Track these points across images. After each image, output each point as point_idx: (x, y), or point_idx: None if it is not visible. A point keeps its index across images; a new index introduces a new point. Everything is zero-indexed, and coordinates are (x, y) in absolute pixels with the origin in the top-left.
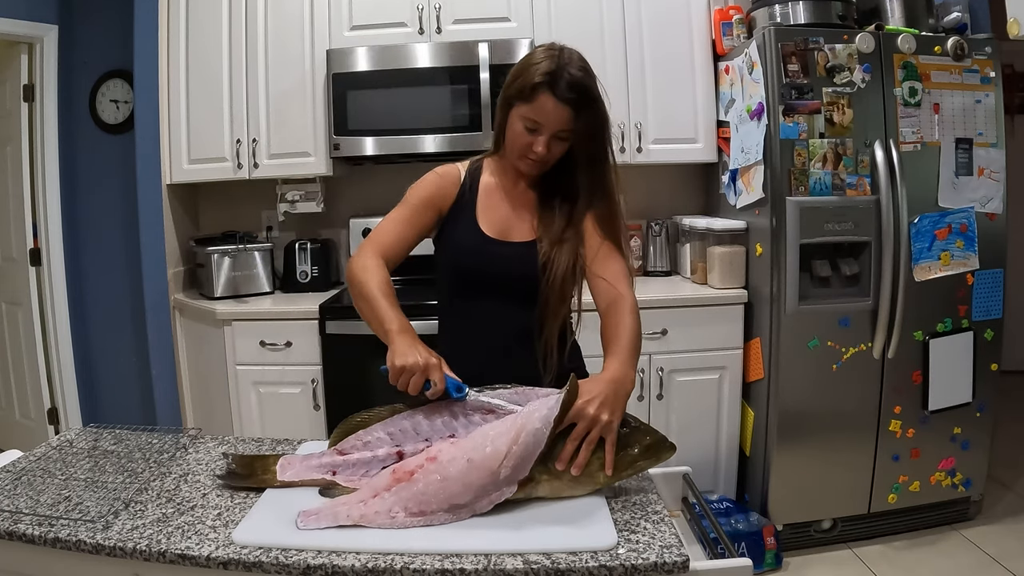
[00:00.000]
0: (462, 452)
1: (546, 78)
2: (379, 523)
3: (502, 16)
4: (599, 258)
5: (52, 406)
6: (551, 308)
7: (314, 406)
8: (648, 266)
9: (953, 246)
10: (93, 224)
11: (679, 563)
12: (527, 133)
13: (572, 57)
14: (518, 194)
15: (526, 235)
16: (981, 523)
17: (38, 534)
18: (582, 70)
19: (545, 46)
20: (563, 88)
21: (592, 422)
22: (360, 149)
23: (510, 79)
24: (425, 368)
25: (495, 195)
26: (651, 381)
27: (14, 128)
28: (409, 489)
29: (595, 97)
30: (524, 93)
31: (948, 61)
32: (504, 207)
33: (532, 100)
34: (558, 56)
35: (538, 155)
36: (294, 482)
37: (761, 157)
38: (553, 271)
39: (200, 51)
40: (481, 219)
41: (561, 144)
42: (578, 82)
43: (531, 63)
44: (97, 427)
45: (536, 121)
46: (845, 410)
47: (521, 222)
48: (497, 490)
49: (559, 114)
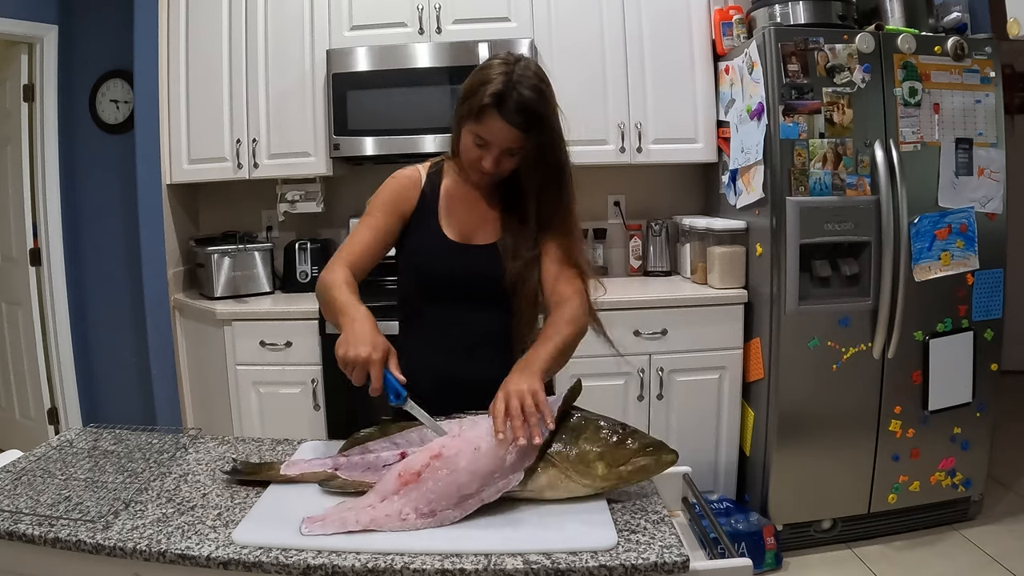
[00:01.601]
0: (468, 443)
1: (493, 100)
2: (390, 527)
3: (502, 16)
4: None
5: (52, 406)
6: (525, 320)
7: (314, 406)
8: (648, 266)
9: (953, 246)
10: (93, 224)
11: (679, 563)
12: (476, 147)
13: (526, 74)
14: (479, 197)
15: (489, 238)
16: (981, 523)
17: (38, 534)
18: (534, 89)
19: (501, 58)
20: (511, 110)
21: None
22: (360, 149)
23: (463, 94)
24: (366, 363)
25: (457, 199)
26: (651, 381)
27: (14, 128)
28: (418, 489)
29: (544, 119)
30: (473, 112)
31: (948, 61)
32: (466, 211)
33: (480, 120)
34: (511, 73)
35: (487, 169)
36: (297, 476)
37: (761, 157)
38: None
39: (200, 51)
40: (444, 223)
41: (512, 159)
42: (527, 104)
43: (483, 80)
44: (97, 427)
45: (483, 138)
46: (845, 410)
47: (484, 225)
48: (504, 478)
49: (507, 134)
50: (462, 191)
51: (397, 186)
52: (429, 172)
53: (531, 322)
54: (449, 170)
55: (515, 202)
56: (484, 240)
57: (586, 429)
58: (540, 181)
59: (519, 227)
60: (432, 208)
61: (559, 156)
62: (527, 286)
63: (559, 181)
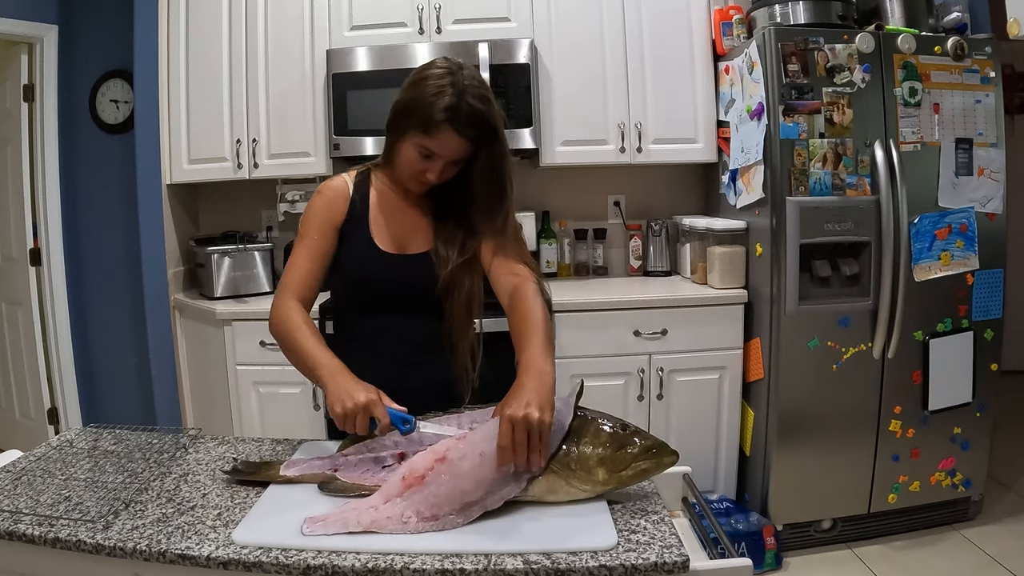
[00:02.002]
0: (473, 447)
1: (447, 115)
2: (391, 529)
3: (502, 16)
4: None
5: (52, 406)
6: (458, 328)
7: (314, 406)
8: (648, 266)
9: (953, 246)
10: (93, 224)
11: (679, 563)
12: (421, 159)
13: (472, 84)
14: (410, 206)
15: (421, 246)
16: (981, 523)
17: (38, 534)
18: (483, 100)
19: (443, 67)
20: (464, 123)
21: (527, 424)
22: (360, 149)
23: (405, 105)
24: (366, 407)
25: (387, 208)
26: (651, 381)
27: (14, 128)
28: (421, 492)
29: (496, 131)
30: (423, 126)
31: (948, 61)
32: (397, 220)
33: (431, 133)
34: (457, 84)
35: (430, 181)
36: (296, 477)
37: (761, 157)
38: (457, 293)
39: (200, 51)
40: (375, 234)
41: (453, 168)
42: (480, 116)
43: (428, 93)
44: (97, 427)
45: (432, 151)
46: (845, 410)
47: (416, 233)
48: (506, 486)
49: (458, 147)
50: (392, 200)
51: (325, 201)
52: (356, 181)
53: (464, 327)
54: (376, 179)
55: (446, 208)
56: (417, 248)
57: (586, 432)
58: (486, 190)
59: (451, 233)
60: (362, 219)
61: (506, 165)
62: (460, 291)
63: (504, 189)
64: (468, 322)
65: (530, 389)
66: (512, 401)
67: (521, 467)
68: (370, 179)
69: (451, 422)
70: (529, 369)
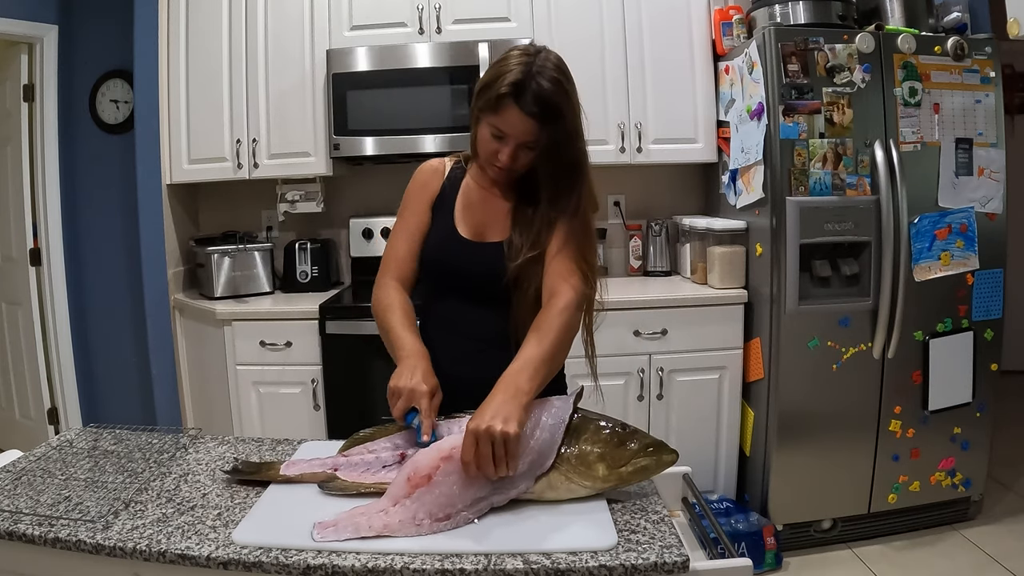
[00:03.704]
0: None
1: (511, 89)
2: (404, 532)
3: (502, 16)
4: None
5: (52, 406)
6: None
7: (314, 406)
8: (648, 266)
9: (953, 246)
10: (93, 224)
11: (679, 563)
12: (494, 140)
13: (546, 65)
14: (496, 195)
15: (500, 236)
16: (981, 523)
17: (38, 534)
18: (553, 81)
19: (521, 49)
20: (528, 101)
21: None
22: (360, 149)
23: (481, 85)
24: (410, 393)
25: (473, 197)
26: (651, 381)
27: (14, 128)
28: (430, 493)
29: (562, 112)
30: (491, 103)
31: (948, 61)
32: (481, 210)
33: (498, 111)
34: (531, 63)
35: (503, 163)
36: (296, 477)
37: (761, 157)
38: (526, 285)
39: (200, 51)
40: (458, 220)
41: (529, 153)
42: (545, 95)
43: (501, 71)
44: (97, 427)
45: (501, 130)
46: (845, 410)
47: (496, 223)
48: (514, 487)
49: (524, 126)
50: (479, 190)
51: (421, 181)
52: (452, 165)
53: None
54: (470, 170)
55: (528, 200)
56: (495, 238)
57: (586, 430)
58: (553, 176)
59: (528, 224)
60: (449, 203)
61: (574, 153)
62: (528, 284)
63: (572, 178)
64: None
65: (497, 402)
66: (476, 414)
67: (491, 477)
68: (464, 169)
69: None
70: (503, 383)
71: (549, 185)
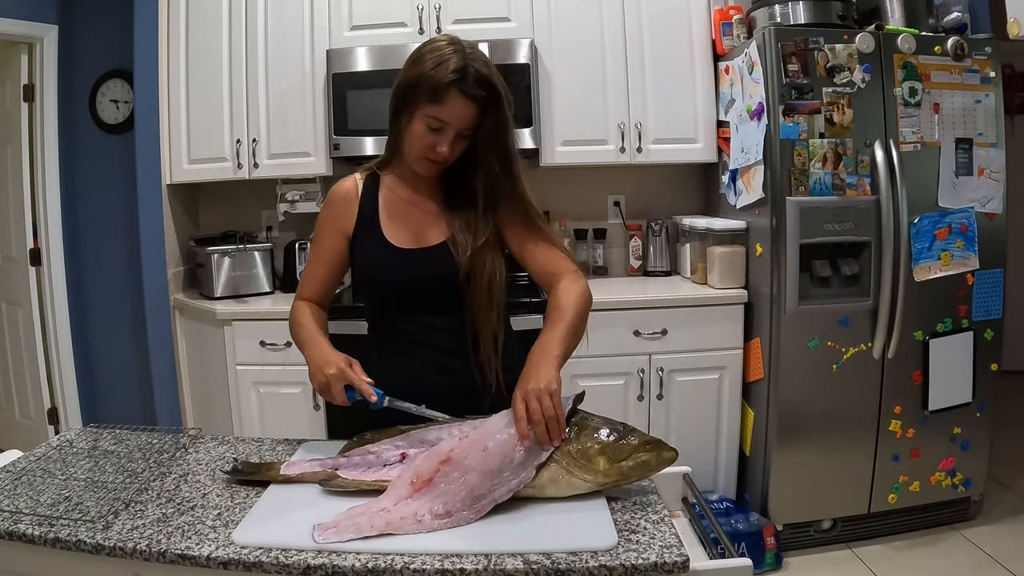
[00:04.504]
0: (475, 444)
1: (456, 75)
2: (406, 529)
3: (502, 16)
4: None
5: (52, 406)
6: (479, 313)
7: (314, 406)
8: (648, 266)
9: (953, 246)
10: (93, 224)
11: (679, 563)
12: (430, 133)
13: (475, 52)
14: (420, 200)
15: (434, 239)
16: (981, 523)
17: (38, 534)
18: (487, 65)
19: (443, 40)
20: (472, 85)
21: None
22: (360, 149)
23: (411, 81)
24: (335, 376)
25: (398, 205)
26: (651, 381)
27: (14, 128)
28: (432, 492)
29: (502, 95)
30: (431, 94)
31: (948, 61)
32: (409, 215)
33: (441, 100)
34: (461, 51)
35: (441, 155)
36: (297, 476)
37: (761, 157)
38: (478, 278)
39: (200, 51)
40: (388, 232)
41: (463, 142)
42: (486, 79)
43: (437, 62)
44: (97, 427)
45: (442, 120)
46: (845, 410)
47: (431, 226)
48: (515, 477)
49: (467, 112)
50: (402, 196)
51: (333, 208)
52: (364, 181)
53: (486, 312)
54: (384, 181)
55: (457, 196)
56: (434, 241)
57: (586, 427)
58: (497, 159)
59: (466, 218)
60: (373, 218)
61: (511, 131)
62: (481, 275)
63: (509, 159)
64: (490, 307)
65: (538, 368)
66: (521, 380)
67: (541, 438)
68: (378, 181)
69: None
70: (538, 350)
71: (489, 171)
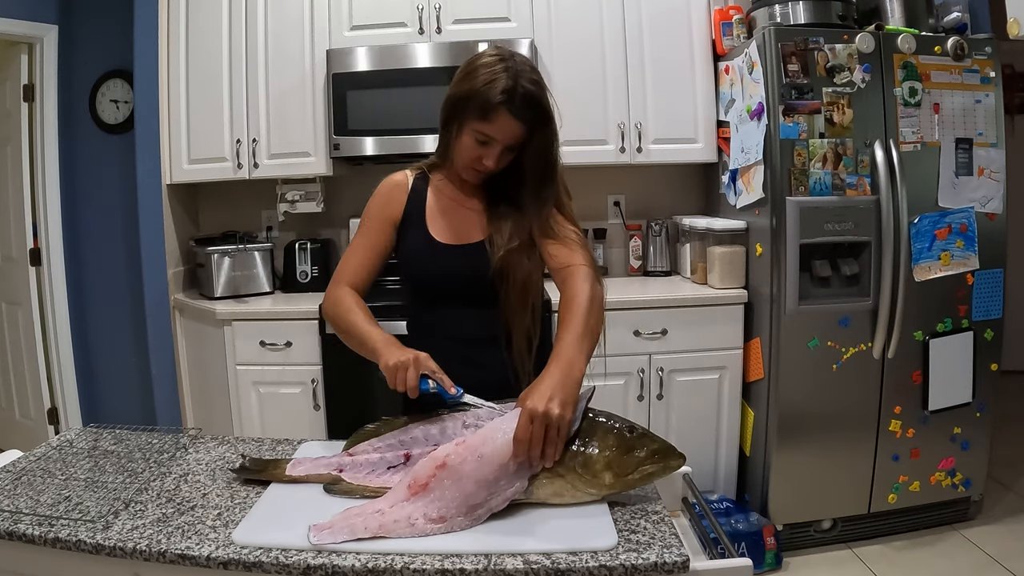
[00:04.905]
0: (471, 450)
1: (504, 96)
2: (399, 532)
3: (502, 16)
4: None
5: (52, 406)
6: (513, 313)
7: (314, 406)
8: (648, 266)
9: (953, 246)
10: (93, 224)
11: (679, 563)
12: (478, 146)
13: (524, 69)
14: (465, 200)
15: (476, 237)
16: (981, 523)
17: (38, 534)
18: (536, 84)
19: (494, 55)
20: (520, 106)
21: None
22: (360, 149)
23: (461, 96)
24: (416, 361)
25: (443, 204)
26: (651, 381)
27: (14, 128)
28: (426, 498)
29: (549, 114)
30: (483, 111)
31: (948, 61)
32: (452, 214)
33: (490, 118)
34: (513, 69)
35: (487, 167)
36: (301, 477)
37: (761, 157)
38: (511, 278)
39: (200, 51)
40: (431, 227)
41: (509, 155)
42: (534, 99)
43: (486, 80)
44: (97, 427)
45: (490, 136)
46: (845, 410)
47: (473, 225)
48: (511, 485)
49: (515, 131)
50: (448, 197)
51: (383, 197)
52: (416, 177)
53: (520, 313)
54: (433, 180)
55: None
56: (474, 239)
57: (594, 435)
58: (538, 171)
59: (504, 219)
60: (420, 213)
61: (556, 147)
62: (515, 276)
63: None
64: (524, 307)
65: (555, 381)
66: (534, 392)
67: (535, 461)
68: (428, 179)
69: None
70: (558, 358)
71: (535, 182)
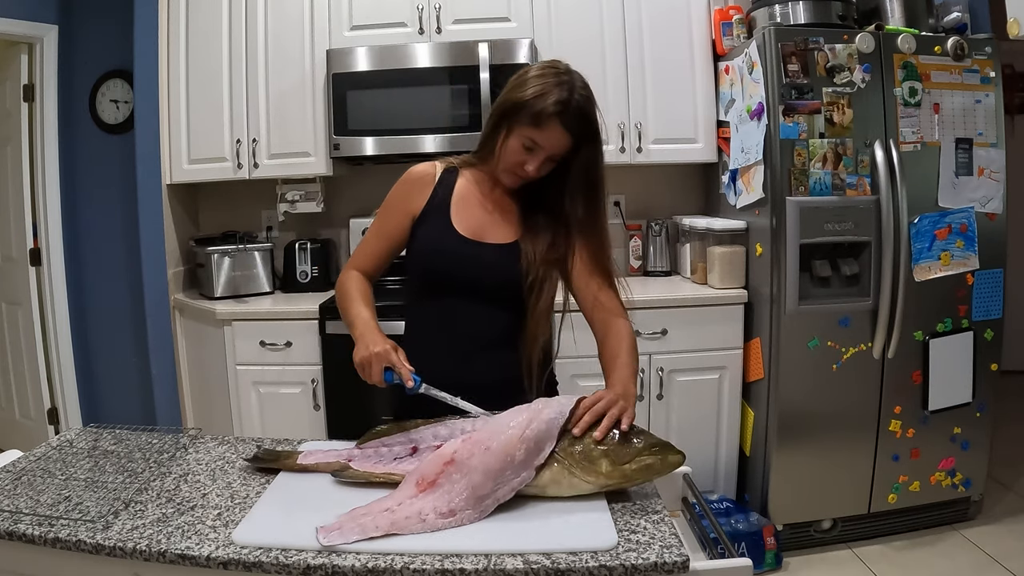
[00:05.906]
0: (478, 445)
1: (558, 107)
2: (411, 529)
3: (502, 16)
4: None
5: (52, 406)
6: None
7: (314, 406)
8: (648, 266)
9: (953, 246)
10: (93, 224)
11: (679, 563)
12: (523, 151)
13: (580, 83)
14: (494, 199)
15: (501, 238)
16: (981, 523)
17: (38, 534)
18: (589, 101)
19: (551, 68)
20: (572, 119)
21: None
22: (360, 149)
23: (516, 101)
24: (377, 356)
25: (470, 199)
26: (651, 381)
27: (14, 128)
28: (434, 493)
29: (598, 130)
30: (535, 119)
31: (948, 61)
32: (479, 211)
33: (541, 126)
34: (568, 83)
35: (528, 173)
36: (312, 465)
37: (761, 157)
38: (538, 290)
39: (200, 51)
40: (455, 220)
41: (550, 164)
42: (586, 113)
43: (544, 91)
44: (97, 427)
45: (537, 143)
46: (845, 410)
47: (496, 226)
48: (516, 476)
49: (563, 141)
50: (476, 193)
51: (407, 187)
52: (444, 170)
53: (544, 326)
54: (464, 174)
55: (537, 204)
56: (496, 240)
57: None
58: (581, 190)
59: (541, 229)
60: (444, 205)
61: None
62: (544, 288)
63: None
64: (548, 321)
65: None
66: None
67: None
68: (458, 172)
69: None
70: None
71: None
